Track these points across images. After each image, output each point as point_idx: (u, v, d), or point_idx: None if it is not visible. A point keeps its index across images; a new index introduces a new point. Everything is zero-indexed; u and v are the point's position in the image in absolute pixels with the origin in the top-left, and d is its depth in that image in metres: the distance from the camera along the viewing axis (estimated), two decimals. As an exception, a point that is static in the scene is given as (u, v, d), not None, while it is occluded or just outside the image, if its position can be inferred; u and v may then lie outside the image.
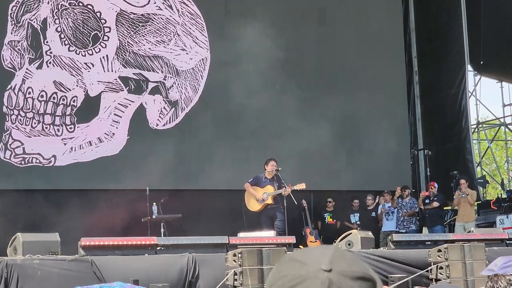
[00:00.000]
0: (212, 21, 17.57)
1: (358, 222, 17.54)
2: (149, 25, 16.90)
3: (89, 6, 16.43)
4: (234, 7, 18.03)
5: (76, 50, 16.18)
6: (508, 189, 22.44)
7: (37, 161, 15.71)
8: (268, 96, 17.80)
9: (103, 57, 16.42)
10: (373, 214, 17.82)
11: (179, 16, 17.21)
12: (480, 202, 20.54)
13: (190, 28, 17.29)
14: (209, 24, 17.50)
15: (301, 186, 14.41)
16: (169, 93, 16.95)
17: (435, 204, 17.41)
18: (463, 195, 17.26)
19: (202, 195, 16.68)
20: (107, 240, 11.02)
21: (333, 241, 13.68)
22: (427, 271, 11.77)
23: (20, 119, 15.66)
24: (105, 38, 16.48)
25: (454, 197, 17.46)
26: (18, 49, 15.80)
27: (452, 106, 20.05)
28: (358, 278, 1.52)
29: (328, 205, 17.83)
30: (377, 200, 17.87)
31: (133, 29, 16.74)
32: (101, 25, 16.49)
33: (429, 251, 11.99)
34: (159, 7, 17.02)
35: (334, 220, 17.72)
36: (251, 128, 17.61)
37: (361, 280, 1.52)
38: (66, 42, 16.12)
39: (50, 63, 15.96)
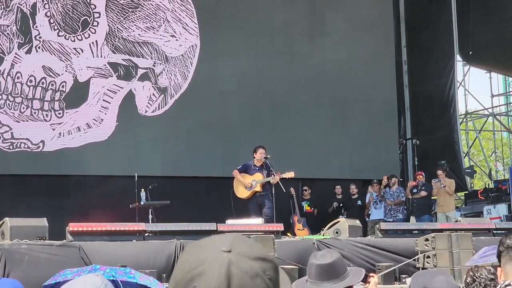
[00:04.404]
0: (202, 8, 17.53)
1: (335, 206, 17.66)
2: (138, 11, 16.85)
3: (78, -9, 16.37)
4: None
5: (66, 35, 16.12)
6: (495, 179, 22.55)
7: (26, 146, 15.67)
8: (258, 83, 17.82)
9: (93, 42, 16.37)
10: (359, 202, 17.87)
11: (169, 2, 17.17)
12: (468, 192, 20.63)
13: (180, 15, 17.25)
14: (199, 10, 17.46)
15: (290, 174, 14.41)
16: (158, 79, 16.92)
17: (423, 193, 17.46)
18: (441, 186, 17.33)
19: (191, 182, 16.69)
20: (95, 225, 11.01)
21: (316, 229, 13.72)
22: (414, 260, 11.81)
23: (8, 104, 15.61)
24: (95, 23, 16.43)
25: (433, 187, 17.52)
26: (7, 33, 15.74)
27: (441, 96, 20.09)
28: (258, 259, 1.56)
29: (304, 193, 17.86)
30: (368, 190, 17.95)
31: (122, 15, 16.69)
32: (90, 10, 16.43)
33: (416, 240, 12.04)
34: (149, -7, 16.97)
35: (312, 208, 17.75)
36: (240, 115, 17.61)
37: (261, 260, 1.56)
38: (56, 27, 16.06)
39: (39, 48, 15.90)
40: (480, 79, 45.99)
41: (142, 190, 14.13)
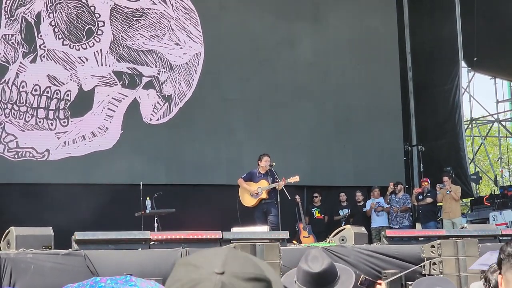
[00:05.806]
0: (206, 16, 17.55)
1: (347, 215, 17.65)
2: (143, 19, 16.87)
3: (83, 0, 16.39)
4: (228, 2, 18.01)
5: (70, 44, 16.15)
6: (501, 185, 22.50)
7: (31, 155, 15.68)
8: (261, 90, 17.81)
9: (97, 51, 16.39)
10: (364, 209, 17.84)
11: (173, 11, 17.19)
12: (473, 198, 20.58)
13: (184, 23, 17.27)
14: (203, 18, 17.48)
15: (295, 178, 14.36)
16: (162, 87, 16.93)
17: (429, 200, 17.43)
18: (447, 192, 17.29)
19: (196, 190, 16.68)
20: (100, 234, 11.00)
21: (326, 236, 13.68)
22: (421, 266, 11.78)
23: (13, 113, 15.62)
24: (99, 32, 16.45)
25: (438, 192, 17.49)
26: (12, 43, 15.77)
27: (446, 102, 20.06)
28: (251, 279, 1.55)
29: (315, 200, 17.82)
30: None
31: (127, 24, 16.71)
32: (95, 19, 16.45)
33: (422, 246, 12.01)
34: (153, 1, 16.99)
35: (322, 215, 17.72)
36: (245, 123, 17.61)
37: (254, 281, 1.55)
38: (60, 36, 16.08)
39: (44, 57, 15.92)
40: (485, 85, 45.84)
41: (148, 198, 14.12)
